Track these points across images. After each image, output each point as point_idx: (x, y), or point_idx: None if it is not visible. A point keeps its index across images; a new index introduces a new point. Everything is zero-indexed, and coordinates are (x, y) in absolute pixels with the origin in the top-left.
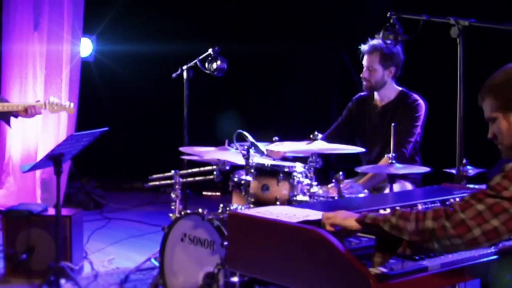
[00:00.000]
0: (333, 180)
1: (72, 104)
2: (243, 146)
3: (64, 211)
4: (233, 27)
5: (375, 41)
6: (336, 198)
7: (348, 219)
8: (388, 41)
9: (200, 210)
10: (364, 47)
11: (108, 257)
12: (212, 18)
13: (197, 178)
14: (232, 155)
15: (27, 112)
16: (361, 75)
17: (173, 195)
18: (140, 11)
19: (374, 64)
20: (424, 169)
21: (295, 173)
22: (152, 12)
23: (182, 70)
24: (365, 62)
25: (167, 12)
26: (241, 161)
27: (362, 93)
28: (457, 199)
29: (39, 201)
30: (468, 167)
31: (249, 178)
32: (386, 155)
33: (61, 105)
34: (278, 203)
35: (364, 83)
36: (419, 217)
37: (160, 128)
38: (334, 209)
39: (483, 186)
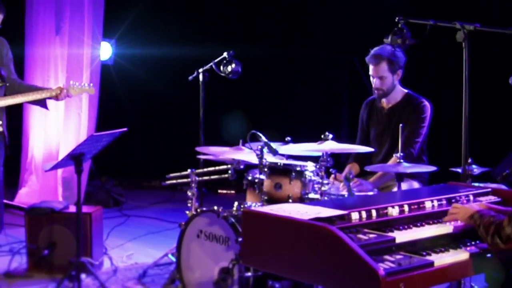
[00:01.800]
0: (343, 178)
1: (91, 85)
2: (257, 146)
3: (85, 209)
4: (247, 31)
5: (378, 50)
6: (346, 196)
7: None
8: (396, 46)
9: (215, 208)
10: (369, 59)
11: (127, 253)
12: (227, 22)
13: (212, 177)
14: (246, 154)
15: (61, 95)
16: (373, 86)
17: (189, 193)
18: (157, 16)
19: (383, 73)
20: (431, 168)
21: (306, 172)
22: (169, 17)
23: (198, 73)
24: (373, 72)
25: (183, 16)
26: (255, 160)
27: (370, 97)
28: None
29: (60, 199)
30: (473, 166)
31: (262, 176)
32: (394, 155)
33: (82, 87)
34: (290, 200)
35: (376, 91)
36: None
37: (177, 129)
38: (344, 207)
39: (488, 184)
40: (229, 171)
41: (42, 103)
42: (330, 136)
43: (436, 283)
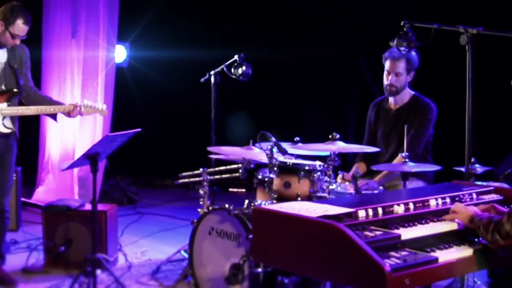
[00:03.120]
0: (351, 177)
1: (105, 106)
2: (267, 146)
3: (100, 207)
4: (257, 35)
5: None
6: (353, 194)
7: (467, 216)
8: (402, 48)
9: (226, 206)
10: (390, 54)
11: (141, 249)
12: (238, 26)
13: (223, 176)
14: (256, 154)
15: (73, 112)
16: (386, 81)
17: (201, 192)
18: (170, 20)
19: (400, 69)
20: (436, 168)
21: (315, 171)
22: (182, 21)
23: (210, 75)
24: (390, 67)
25: (196, 20)
26: (264, 159)
27: (376, 100)
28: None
29: (76, 197)
30: (476, 165)
31: (272, 175)
32: (400, 154)
33: (94, 108)
34: (299, 199)
35: (389, 88)
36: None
37: (189, 129)
38: (351, 205)
39: (490, 183)
40: (240, 170)
41: (52, 115)
42: (338, 136)
43: (441, 279)
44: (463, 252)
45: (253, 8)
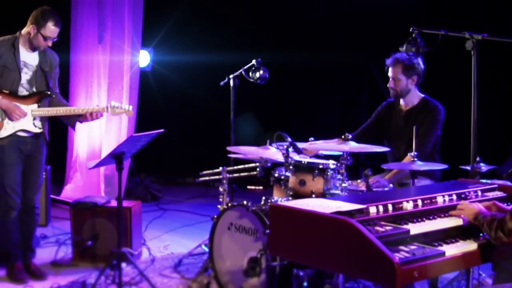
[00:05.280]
0: (362, 176)
1: (131, 107)
2: (283, 145)
3: (125, 203)
4: (274, 40)
5: (398, 54)
6: (364, 191)
7: (472, 213)
8: (411, 53)
9: (244, 202)
10: (388, 61)
11: (164, 244)
12: (256, 32)
13: (242, 174)
14: (273, 153)
15: (91, 116)
16: (388, 85)
17: (221, 189)
18: (191, 26)
19: (398, 74)
20: (443, 166)
21: (328, 170)
22: (202, 27)
23: (229, 79)
24: (390, 73)
25: (215, 27)
26: (281, 159)
27: (390, 99)
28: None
29: (102, 194)
30: (481, 164)
31: (288, 174)
32: (409, 154)
33: (121, 108)
34: (313, 196)
35: (391, 91)
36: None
37: (209, 130)
38: (363, 202)
39: (495, 181)
40: (257, 169)
41: (71, 123)
42: (350, 136)
43: (447, 271)
44: (468, 246)
45: (270, 16)
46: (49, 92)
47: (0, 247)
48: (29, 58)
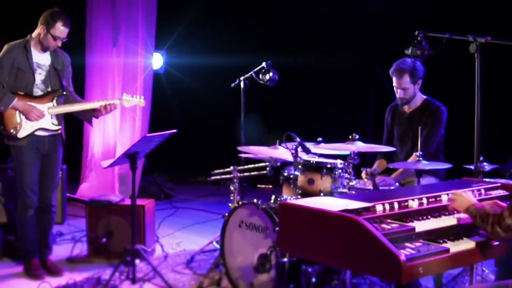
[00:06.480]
0: (369, 174)
1: (142, 97)
2: (292, 145)
3: (139, 201)
4: (284, 43)
5: (400, 63)
6: (371, 190)
7: (464, 204)
8: (412, 58)
9: (255, 200)
10: (393, 73)
11: (176, 241)
12: (265, 35)
13: (252, 173)
14: (282, 153)
15: (106, 109)
16: (397, 96)
17: (232, 188)
18: (203, 30)
19: (406, 84)
20: (447, 165)
21: (336, 169)
22: (214, 30)
23: (240, 81)
24: (397, 84)
25: (226, 30)
26: (290, 158)
27: (392, 103)
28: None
29: (117, 192)
30: (484, 163)
31: (297, 173)
32: (414, 153)
33: (134, 99)
34: (321, 194)
35: (400, 100)
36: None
37: (220, 130)
38: (369, 200)
39: (498, 180)
40: (267, 168)
41: (88, 119)
42: (357, 136)
43: (451, 268)
44: (472, 243)
45: (279, 19)
46: (62, 90)
47: (18, 244)
48: (41, 59)
